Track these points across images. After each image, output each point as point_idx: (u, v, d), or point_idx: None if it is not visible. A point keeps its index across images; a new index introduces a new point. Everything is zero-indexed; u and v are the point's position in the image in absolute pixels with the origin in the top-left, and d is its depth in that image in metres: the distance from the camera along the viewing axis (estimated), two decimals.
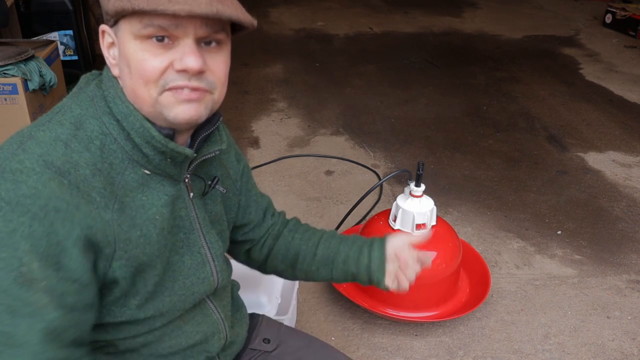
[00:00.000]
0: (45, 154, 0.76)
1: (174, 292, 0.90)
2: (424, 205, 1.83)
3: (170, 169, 0.86)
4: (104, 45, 0.84)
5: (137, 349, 0.92)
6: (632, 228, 2.50)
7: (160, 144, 0.82)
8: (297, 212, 2.51)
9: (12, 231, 0.72)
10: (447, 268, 1.87)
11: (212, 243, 0.96)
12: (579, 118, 3.57)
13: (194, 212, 0.93)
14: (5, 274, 0.72)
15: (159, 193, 0.85)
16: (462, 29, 5.33)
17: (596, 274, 2.21)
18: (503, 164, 2.97)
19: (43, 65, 2.68)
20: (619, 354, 1.85)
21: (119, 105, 0.82)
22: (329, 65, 4.32)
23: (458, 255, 1.91)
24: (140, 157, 0.83)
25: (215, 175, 0.98)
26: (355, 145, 3.15)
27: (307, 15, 5.62)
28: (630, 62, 4.54)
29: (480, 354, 1.82)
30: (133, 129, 0.81)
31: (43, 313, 0.74)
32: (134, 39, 0.78)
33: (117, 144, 0.82)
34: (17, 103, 2.51)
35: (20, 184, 0.73)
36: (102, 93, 0.84)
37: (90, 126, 0.81)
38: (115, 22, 0.80)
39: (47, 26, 3.41)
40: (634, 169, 3.00)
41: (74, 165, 0.77)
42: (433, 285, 1.87)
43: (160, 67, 0.78)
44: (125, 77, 0.81)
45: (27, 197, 0.73)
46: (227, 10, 0.76)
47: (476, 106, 3.69)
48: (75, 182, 0.76)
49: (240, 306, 1.19)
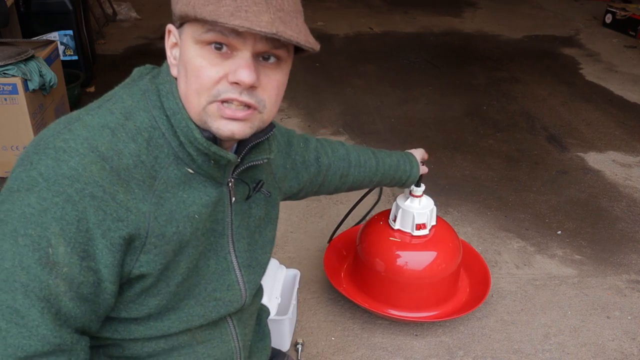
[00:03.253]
0: (91, 138, 0.76)
1: (194, 296, 0.88)
2: (424, 205, 1.82)
3: (214, 171, 0.85)
4: (168, 44, 0.85)
5: (143, 358, 0.90)
6: (632, 228, 2.50)
7: (203, 146, 0.81)
8: (297, 212, 2.51)
9: (44, 210, 0.72)
10: (447, 268, 1.87)
11: (240, 252, 0.94)
12: (579, 118, 3.57)
13: (230, 217, 0.91)
14: (29, 252, 0.72)
15: (200, 193, 0.85)
16: (462, 29, 5.33)
17: (596, 274, 2.21)
18: (503, 164, 2.97)
19: (43, 65, 2.68)
20: (619, 354, 1.85)
21: (170, 100, 0.82)
22: (329, 65, 4.32)
23: (458, 255, 1.90)
24: (185, 156, 0.83)
25: (260, 179, 0.97)
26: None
27: (307, 15, 5.54)
28: (630, 62, 4.54)
29: (480, 354, 1.82)
30: (179, 127, 0.81)
31: (58, 300, 0.73)
32: (195, 43, 0.78)
33: (164, 139, 0.82)
34: (17, 103, 2.51)
35: (61, 163, 0.73)
36: (155, 87, 0.84)
37: (140, 118, 0.81)
38: (181, 24, 0.81)
39: (47, 26, 3.40)
40: (634, 169, 3.00)
41: (117, 153, 0.77)
42: (433, 285, 1.87)
43: (215, 78, 0.78)
44: (181, 80, 0.81)
45: (66, 178, 0.73)
46: (288, 31, 0.75)
47: (476, 106, 3.69)
48: (117, 169, 0.76)
49: (264, 336, 1.16)
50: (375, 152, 1.58)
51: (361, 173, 1.50)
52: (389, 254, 1.84)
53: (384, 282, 1.86)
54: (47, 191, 0.72)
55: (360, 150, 1.52)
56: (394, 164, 1.61)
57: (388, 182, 1.63)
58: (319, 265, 2.15)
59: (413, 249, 1.85)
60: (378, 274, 1.85)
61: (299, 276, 1.85)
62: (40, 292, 0.72)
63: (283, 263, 1.89)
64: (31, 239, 0.72)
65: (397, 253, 1.84)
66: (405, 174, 1.65)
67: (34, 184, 0.73)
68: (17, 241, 0.72)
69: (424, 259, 1.85)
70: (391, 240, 1.85)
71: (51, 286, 0.72)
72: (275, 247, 2.34)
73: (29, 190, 0.73)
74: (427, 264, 1.84)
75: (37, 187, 0.72)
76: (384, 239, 1.86)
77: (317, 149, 1.32)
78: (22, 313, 0.72)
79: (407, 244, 1.84)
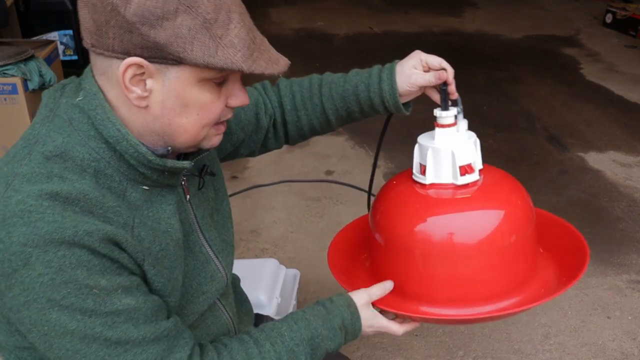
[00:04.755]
0: (45, 189, 0.72)
1: (183, 297, 0.89)
2: (464, 136, 1.13)
3: (168, 179, 0.84)
4: (125, 78, 0.74)
5: None
6: (632, 228, 2.50)
7: (158, 165, 0.80)
8: (297, 212, 2.51)
9: (59, 269, 0.70)
10: (524, 230, 1.12)
11: (212, 240, 0.95)
12: (579, 118, 3.57)
13: (192, 212, 0.92)
14: (84, 303, 0.72)
15: (163, 205, 0.83)
16: (462, 29, 5.32)
17: (596, 274, 2.21)
18: (503, 164, 2.95)
19: (43, 65, 2.68)
20: (619, 354, 1.85)
21: (109, 128, 0.76)
22: (329, 65, 4.29)
23: (531, 208, 1.19)
24: (138, 176, 0.80)
25: (203, 164, 0.95)
26: (355, 145, 3.14)
27: (307, 15, 5.61)
28: (630, 62, 4.53)
29: (480, 354, 1.82)
30: (127, 154, 0.77)
31: (136, 310, 0.76)
32: (199, 81, 0.76)
33: (111, 168, 0.78)
34: (16, 103, 2.51)
35: (36, 224, 0.69)
36: (83, 114, 0.77)
37: (79, 154, 0.76)
38: (172, 63, 0.73)
39: (47, 26, 3.41)
40: (634, 169, 3.00)
41: (80, 192, 0.73)
42: (510, 258, 1.09)
43: (221, 108, 0.81)
44: (171, 116, 0.77)
45: (53, 232, 0.69)
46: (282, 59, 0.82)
47: (476, 106, 3.68)
48: (89, 207, 0.73)
49: (244, 300, 1.18)
50: None
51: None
52: (426, 225, 1.08)
53: (427, 271, 1.07)
54: (45, 254, 0.69)
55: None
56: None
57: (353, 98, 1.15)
58: (319, 265, 2.15)
59: (464, 206, 1.10)
60: (414, 261, 1.07)
61: (299, 276, 1.85)
62: (121, 316, 0.75)
63: (283, 263, 1.89)
64: (75, 296, 0.71)
65: (440, 219, 1.08)
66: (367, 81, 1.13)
67: (27, 257, 0.69)
68: (61, 305, 0.71)
69: (484, 220, 1.09)
70: (425, 202, 1.11)
71: (124, 308, 0.75)
72: (275, 247, 2.35)
73: (27, 264, 0.69)
74: (492, 226, 1.09)
75: (32, 257, 0.69)
76: (412, 204, 1.11)
77: (257, 104, 1.17)
78: (125, 339, 0.75)
79: (452, 200, 1.10)
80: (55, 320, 0.72)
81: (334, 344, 0.96)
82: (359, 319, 0.99)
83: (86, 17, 0.75)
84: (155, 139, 0.80)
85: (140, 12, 0.70)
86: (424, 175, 1.10)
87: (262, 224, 2.47)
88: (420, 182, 1.10)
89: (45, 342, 0.74)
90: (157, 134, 0.80)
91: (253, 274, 1.37)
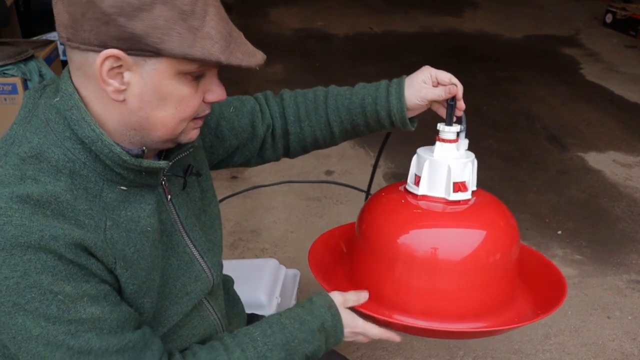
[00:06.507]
0: (16, 191, 0.72)
1: (166, 298, 0.89)
2: (463, 155, 1.13)
3: (146, 179, 0.83)
4: (102, 71, 0.73)
5: None
6: (632, 228, 2.50)
7: (133, 165, 0.79)
8: (297, 212, 2.51)
9: (24, 273, 0.70)
10: (507, 253, 1.10)
11: (196, 240, 0.94)
12: (579, 118, 3.57)
13: (174, 212, 0.91)
14: (48, 309, 0.72)
15: (141, 205, 0.83)
16: (462, 29, 5.33)
17: (596, 274, 2.21)
18: (503, 164, 2.96)
19: (43, 65, 2.68)
20: (619, 354, 1.85)
21: (84, 129, 0.76)
22: (329, 65, 4.32)
23: (517, 234, 1.15)
24: (114, 176, 0.79)
25: (188, 164, 0.95)
26: (355, 145, 3.14)
27: (307, 15, 5.62)
28: (630, 62, 4.54)
29: (480, 354, 1.82)
30: (102, 154, 0.77)
31: (101, 320, 0.76)
32: (176, 74, 0.75)
33: (87, 169, 0.77)
34: (16, 103, 2.51)
35: (3, 227, 0.70)
36: (59, 114, 0.77)
37: (54, 155, 0.76)
38: (150, 55, 0.73)
39: (47, 26, 3.40)
40: (634, 169, 3.00)
41: (51, 195, 0.73)
42: (487, 279, 1.08)
43: (199, 102, 0.81)
44: (149, 109, 0.77)
45: (19, 236, 0.69)
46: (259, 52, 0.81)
47: (476, 106, 3.68)
48: (60, 210, 0.73)
49: (236, 301, 1.18)
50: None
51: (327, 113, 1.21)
52: (413, 236, 1.07)
53: (406, 281, 1.06)
54: (11, 257, 0.69)
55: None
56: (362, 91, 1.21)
57: (357, 112, 1.19)
58: None
59: (452, 222, 1.09)
60: (393, 270, 1.06)
61: (299, 276, 1.85)
62: (84, 325, 0.74)
63: (283, 263, 1.89)
64: (38, 301, 0.71)
65: (428, 232, 1.08)
66: (374, 98, 1.18)
67: None
68: (26, 310, 0.71)
69: (469, 239, 1.08)
70: (415, 212, 1.10)
71: (88, 317, 0.75)
72: (275, 247, 2.35)
73: None
74: (476, 245, 1.07)
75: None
76: (401, 212, 1.11)
77: (254, 112, 1.13)
78: (88, 349, 0.75)
79: (440, 214, 1.09)
80: (20, 325, 0.72)
81: (313, 346, 0.95)
82: (340, 320, 0.99)
83: (61, 11, 0.74)
84: (131, 134, 0.79)
85: (117, 3, 0.69)
86: (417, 186, 1.12)
87: (262, 224, 2.47)
88: (412, 192, 1.12)
89: (14, 344, 0.75)
90: (133, 129, 0.79)
91: (253, 274, 1.37)
